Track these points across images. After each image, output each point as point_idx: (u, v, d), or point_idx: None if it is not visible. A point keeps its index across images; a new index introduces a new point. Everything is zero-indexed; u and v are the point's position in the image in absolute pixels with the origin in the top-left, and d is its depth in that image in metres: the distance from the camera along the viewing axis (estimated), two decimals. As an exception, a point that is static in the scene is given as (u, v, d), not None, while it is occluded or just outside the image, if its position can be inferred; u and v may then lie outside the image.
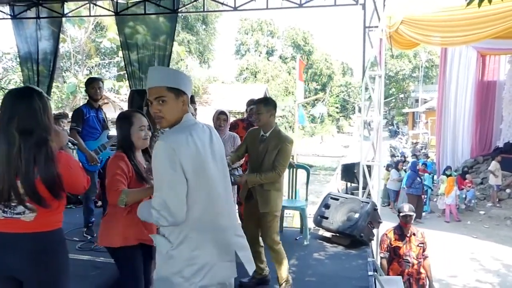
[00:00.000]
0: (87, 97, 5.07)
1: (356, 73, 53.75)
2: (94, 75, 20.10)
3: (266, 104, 3.59)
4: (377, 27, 5.63)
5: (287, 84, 41.16)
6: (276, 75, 42.43)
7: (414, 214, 5.58)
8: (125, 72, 21.05)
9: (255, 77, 42.35)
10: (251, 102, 5.27)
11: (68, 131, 6.92)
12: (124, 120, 2.65)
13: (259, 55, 46.48)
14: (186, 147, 1.89)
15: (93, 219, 4.99)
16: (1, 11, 7.75)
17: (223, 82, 38.43)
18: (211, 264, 1.96)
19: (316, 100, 39.41)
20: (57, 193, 2.03)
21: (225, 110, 4.69)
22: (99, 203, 5.86)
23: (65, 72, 21.92)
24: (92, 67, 22.20)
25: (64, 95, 18.91)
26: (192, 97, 5.57)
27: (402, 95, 43.13)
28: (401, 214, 5.30)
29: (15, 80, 17.32)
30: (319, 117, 40.75)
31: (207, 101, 25.67)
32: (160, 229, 2.02)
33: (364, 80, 5.74)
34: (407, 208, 5.34)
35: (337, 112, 48.31)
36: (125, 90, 18.94)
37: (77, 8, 7.79)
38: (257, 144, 3.64)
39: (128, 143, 2.61)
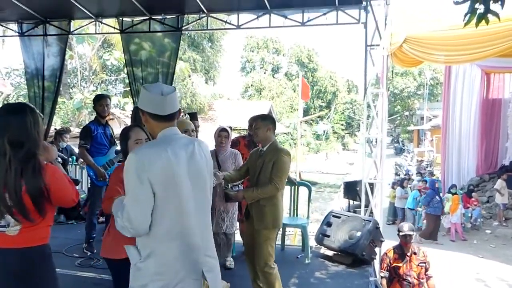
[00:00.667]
0: (95, 114, 5.14)
1: (362, 90, 53.80)
2: (100, 91, 20.28)
3: (263, 119, 3.65)
4: (378, 45, 5.67)
5: (292, 102, 41.32)
6: (281, 92, 42.66)
7: (414, 233, 5.53)
8: (130, 88, 21.15)
9: (260, 94, 42.59)
10: (253, 119, 5.30)
11: (73, 148, 6.99)
12: (123, 135, 2.78)
13: (265, 73, 46.82)
14: (156, 160, 1.90)
15: (94, 234, 4.99)
16: (9, 29, 7.90)
17: (228, 99, 38.66)
18: (176, 282, 1.95)
19: (319, 117, 39.51)
20: (42, 207, 2.05)
21: (227, 127, 4.71)
22: (101, 219, 5.86)
23: (71, 89, 22.16)
24: (99, 83, 22.43)
25: (70, 111, 19.08)
26: (194, 114, 5.62)
27: (407, 113, 43.07)
28: (400, 234, 5.26)
29: (24, 95, 17.53)
30: (323, 134, 40.79)
31: (212, 118, 25.77)
32: (136, 239, 2.04)
33: (366, 98, 5.75)
34: (406, 227, 5.30)
35: (342, 129, 48.33)
36: (130, 106, 19.06)
37: (84, 26, 7.92)
38: (256, 159, 3.65)
39: (126, 156, 2.65)
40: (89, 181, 5.36)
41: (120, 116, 17.16)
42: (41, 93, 7.53)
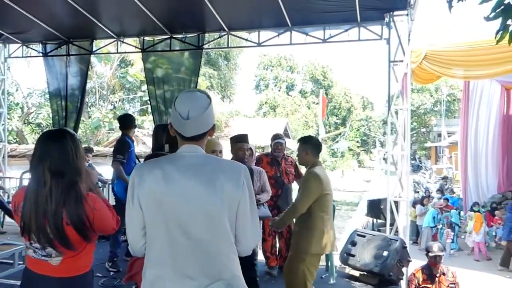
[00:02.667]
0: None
1: (377, 107, 53.59)
2: (118, 110, 20.56)
3: (303, 143, 3.70)
4: (402, 61, 5.62)
5: (307, 119, 41.31)
6: (295, 109, 42.69)
7: (444, 254, 5.38)
8: (147, 106, 21.35)
9: (275, 111, 42.68)
10: (275, 137, 5.27)
11: (94, 167, 7.00)
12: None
13: (279, 90, 46.97)
14: (145, 178, 1.75)
15: (119, 253, 4.95)
16: (34, 49, 8.06)
17: (245, 116, 38.83)
18: None
19: (339, 134, 39.37)
20: (86, 235, 2.01)
21: (251, 144, 4.68)
22: (124, 237, 5.83)
23: (89, 108, 22.52)
24: (116, 101, 22.72)
25: (89, 130, 19.33)
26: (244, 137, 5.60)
27: (424, 129, 42.65)
28: (430, 254, 5.11)
29: (43, 114, 17.84)
30: (346, 151, 40.57)
31: (228, 135, 25.84)
32: None
33: (389, 114, 5.68)
34: (436, 248, 5.15)
35: (358, 146, 47.96)
36: (148, 124, 19.26)
37: (105, 45, 8.03)
38: None
39: None
40: (112, 197, 5.35)
41: (138, 134, 17.31)
42: (64, 112, 7.63)
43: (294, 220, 3.67)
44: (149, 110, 22.88)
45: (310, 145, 3.65)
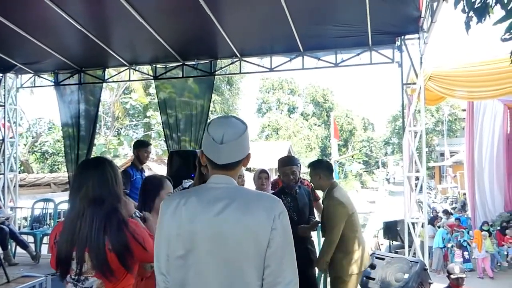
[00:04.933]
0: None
1: (378, 127, 53.81)
2: (122, 136, 20.63)
3: (313, 168, 3.69)
4: (415, 83, 5.68)
5: (309, 141, 41.38)
6: (297, 131, 42.85)
7: (465, 276, 5.32)
8: (151, 132, 21.37)
9: (277, 133, 42.84)
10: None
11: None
12: (154, 185, 2.76)
13: (281, 113, 47.26)
14: (166, 213, 1.65)
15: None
16: (45, 79, 8.15)
17: (247, 140, 38.94)
18: None
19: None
20: (126, 263, 1.97)
21: (265, 168, 4.68)
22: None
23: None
24: (120, 128, 22.83)
25: (94, 156, 19.39)
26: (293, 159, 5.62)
27: (426, 149, 42.71)
28: (452, 276, 5.06)
29: (49, 142, 17.92)
30: (342, 172, 40.45)
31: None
32: None
33: (405, 136, 5.71)
34: (458, 269, 5.11)
35: (360, 168, 47.95)
36: (152, 150, 19.29)
37: (118, 74, 8.12)
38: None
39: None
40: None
41: (144, 160, 17.33)
42: (76, 140, 7.66)
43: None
44: (153, 136, 23.06)
45: (320, 168, 3.63)
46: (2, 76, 7.95)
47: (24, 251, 6.24)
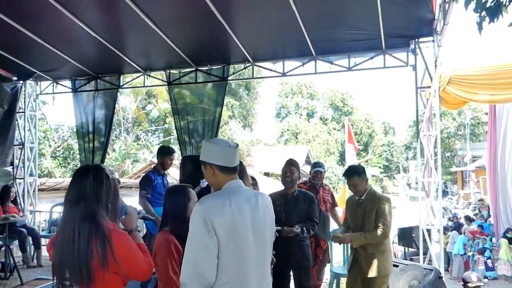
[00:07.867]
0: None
1: (398, 132, 53.08)
2: (142, 141, 20.89)
3: (358, 174, 3.77)
4: (429, 87, 5.58)
5: (328, 145, 41.13)
6: (316, 135, 42.65)
7: (483, 284, 5.19)
8: (170, 137, 21.54)
9: (296, 138, 42.73)
10: (315, 165, 5.28)
11: (122, 200, 7.04)
12: (183, 194, 2.90)
13: (300, 117, 47.13)
14: (218, 213, 1.92)
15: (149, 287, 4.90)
16: (63, 85, 8.32)
17: (265, 144, 38.93)
18: None
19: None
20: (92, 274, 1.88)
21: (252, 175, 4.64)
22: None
23: (113, 140, 22.97)
24: (140, 133, 23.13)
25: (114, 162, 19.66)
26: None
27: (448, 154, 41.91)
28: (469, 285, 4.91)
29: (71, 147, 18.29)
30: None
31: (250, 164, 25.86)
32: None
33: (419, 141, 5.61)
34: (475, 277, 4.96)
35: (381, 172, 47.33)
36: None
37: (133, 80, 8.23)
38: (355, 208, 3.80)
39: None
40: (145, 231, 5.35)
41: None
42: (91, 146, 7.78)
43: (351, 244, 3.86)
44: (171, 141, 23.28)
45: (364, 173, 3.81)
46: (22, 84, 8.14)
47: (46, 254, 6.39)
